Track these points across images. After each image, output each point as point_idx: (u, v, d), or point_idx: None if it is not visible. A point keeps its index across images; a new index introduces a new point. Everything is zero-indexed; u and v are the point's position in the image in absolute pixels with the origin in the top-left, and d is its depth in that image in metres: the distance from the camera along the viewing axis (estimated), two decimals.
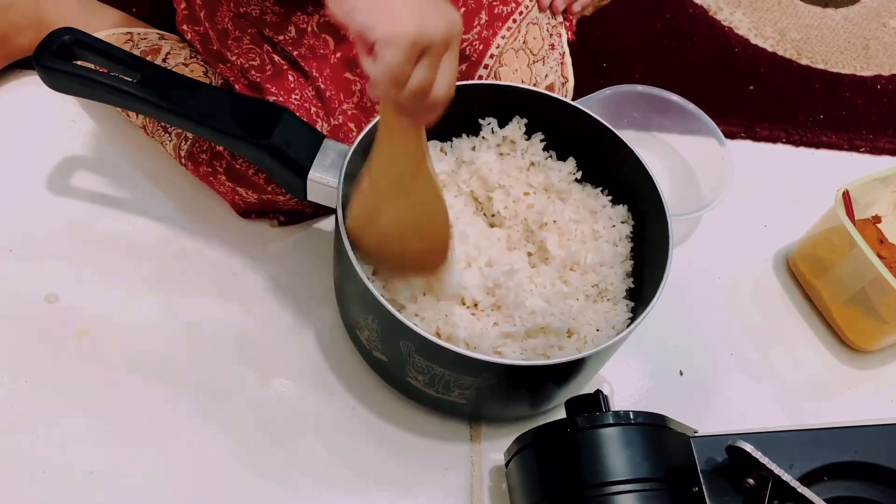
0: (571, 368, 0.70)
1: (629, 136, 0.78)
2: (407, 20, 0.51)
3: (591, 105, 0.91)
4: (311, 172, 0.72)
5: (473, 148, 0.82)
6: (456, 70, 0.56)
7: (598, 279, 0.77)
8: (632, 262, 0.80)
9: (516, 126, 0.82)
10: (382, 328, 0.69)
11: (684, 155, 0.98)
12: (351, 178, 0.73)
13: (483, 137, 0.82)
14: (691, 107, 0.97)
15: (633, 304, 0.77)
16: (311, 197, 0.74)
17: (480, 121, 0.82)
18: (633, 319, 0.74)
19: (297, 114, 0.80)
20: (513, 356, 0.70)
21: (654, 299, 0.70)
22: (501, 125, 0.83)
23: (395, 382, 0.77)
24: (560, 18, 0.89)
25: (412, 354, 0.69)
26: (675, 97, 0.97)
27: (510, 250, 0.77)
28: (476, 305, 0.73)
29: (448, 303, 0.72)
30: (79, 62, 0.73)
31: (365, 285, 0.66)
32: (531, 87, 0.82)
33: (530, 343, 0.71)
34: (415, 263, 0.72)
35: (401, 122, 0.60)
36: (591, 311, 0.75)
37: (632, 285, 0.79)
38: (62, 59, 0.72)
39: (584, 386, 0.77)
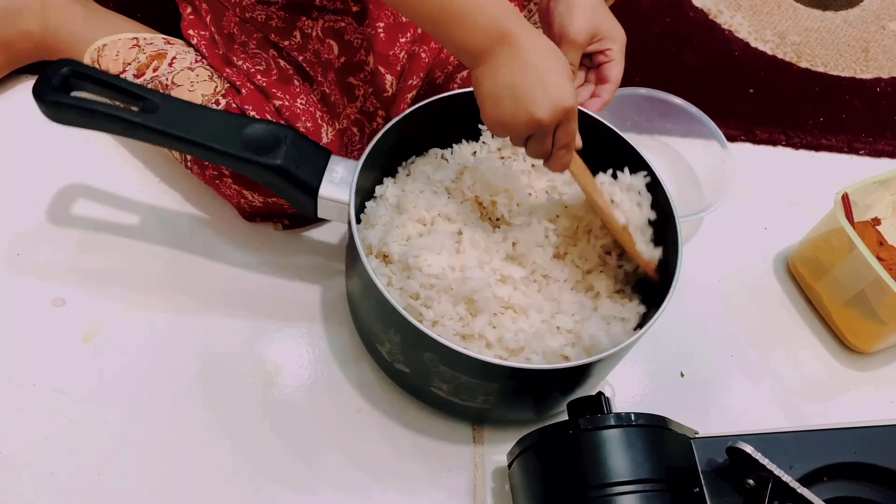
0: (593, 368, 0.71)
1: (632, 139, 0.79)
2: (515, 123, 0.65)
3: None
4: (320, 190, 0.72)
5: (474, 153, 0.82)
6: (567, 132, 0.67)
7: None
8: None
9: None
10: (405, 341, 0.70)
11: (686, 157, 0.99)
12: (362, 192, 0.73)
13: (483, 142, 0.82)
14: (694, 109, 0.97)
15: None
16: (321, 214, 0.74)
17: (480, 126, 0.82)
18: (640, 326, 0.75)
19: (303, 118, 0.81)
20: (536, 360, 0.71)
21: (665, 302, 0.70)
22: None
23: (417, 392, 0.78)
24: None
25: (437, 365, 0.69)
26: (677, 100, 0.98)
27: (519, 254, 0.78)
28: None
29: (465, 307, 0.72)
30: (78, 93, 0.72)
31: (388, 301, 0.66)
32: None
33: (549, 344, 0.72)
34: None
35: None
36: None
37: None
38: (62, 92, 0.71)
39: (595, 386, 0.78)
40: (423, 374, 0.72)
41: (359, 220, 0.78)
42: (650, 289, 0.78)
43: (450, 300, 0.71)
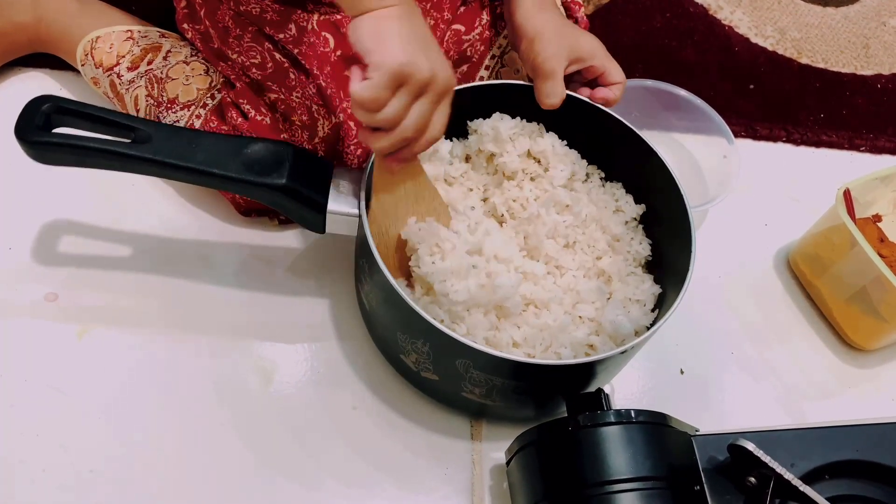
0: (631, 353, 0.71)
1: (637, 131, 0.79)
2: (396, 54, 0.60)
3: None
4: (329, 205, 0.70)
5: (466, 157, 0.81)
6: (439, 118, 0.64)
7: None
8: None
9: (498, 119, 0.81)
10: (436, 350, 0.69)
11: (690, 150, 0.98)
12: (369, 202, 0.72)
13: (470, 138, 0.81)
14: (699, 102, 0.97)
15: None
16: (330, 229, 0.72)
17: (469, 122, 0.81)
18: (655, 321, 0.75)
19: (299, 112, 0.80)
20: (566, 354, 0.70)
21: (677, 301, 0.70)
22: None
23: (444, 397, 0.77)
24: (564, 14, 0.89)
25: (470, 370, 0.68)
26: (682, 92, 0.97)
27: (533, 248, 0.77)
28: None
29: (494, 314, 0.71)
30: (61, 129, 0.68)
31: (415, 312, 0.65)
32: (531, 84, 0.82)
33: (575, 336, 0.71)
34: None
35: (387, 163, 0.67)
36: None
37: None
38: (45, 131, 0.67)
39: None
40: (454, 380, 0.71)
41: None
42: (660, 269, 0.78)
43: (480, 311, 0.70)
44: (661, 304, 0.76)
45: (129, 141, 0.68)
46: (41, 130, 0.67)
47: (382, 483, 0.74)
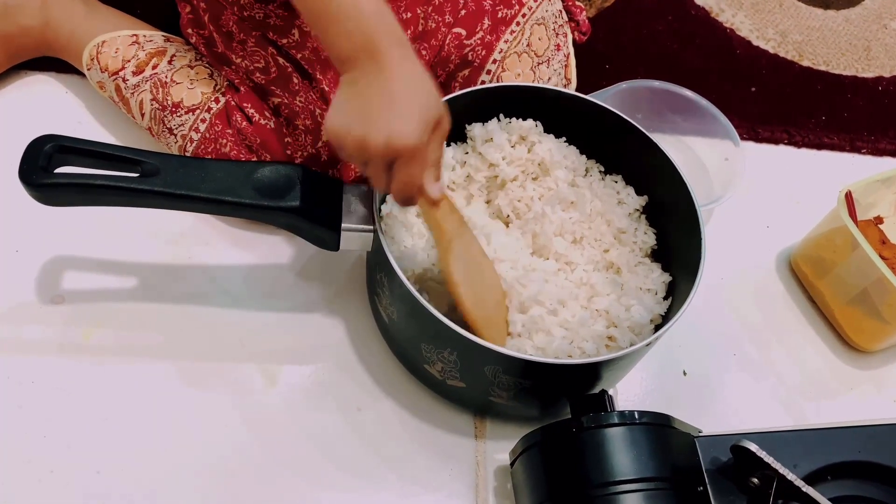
0: (635, 355, 0.71)
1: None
2: (327, 126, 0.61)
3: (605, 100, 0.91)
4: (343, 223, 0.70)
5: (465, 155, 0.82)
6: (434, 155, 0.62)
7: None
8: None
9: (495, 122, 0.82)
10: (464, 359, 0.69)
11: (696, 150, 0.99)
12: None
13: (470, 141, 0.82)
14: (704, 102, 0.97)
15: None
16: (345, 246, 0.72)
17: (467, 126, 0.81)
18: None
19: (302, 116, 0.80)
20: (589, 348, 0.71)
21: (686, 303, 0.71)
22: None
23: (471, 403, 0.78)
24: (566, 17, 0.89)
25: (498, 375, 0.69)
26: (689, 93, 0.97)
27: (539, 248, 0.77)
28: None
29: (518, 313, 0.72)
30: (64, 168, 0.67)
31: (444, 324, 0.65)
32: (539, 85, 0.83)
33: (594, 329, 0.72)
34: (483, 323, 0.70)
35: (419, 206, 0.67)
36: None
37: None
38: (49, 172, 0.66)
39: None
40: (481, 386, 0.71)
41: None
42: (669, 260, 0.79)
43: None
44: (674, 294, 0.77)
45: (136, 175, 0.68)
46: (45, 172, 0.66)
47: (387, 482, 0.75)
